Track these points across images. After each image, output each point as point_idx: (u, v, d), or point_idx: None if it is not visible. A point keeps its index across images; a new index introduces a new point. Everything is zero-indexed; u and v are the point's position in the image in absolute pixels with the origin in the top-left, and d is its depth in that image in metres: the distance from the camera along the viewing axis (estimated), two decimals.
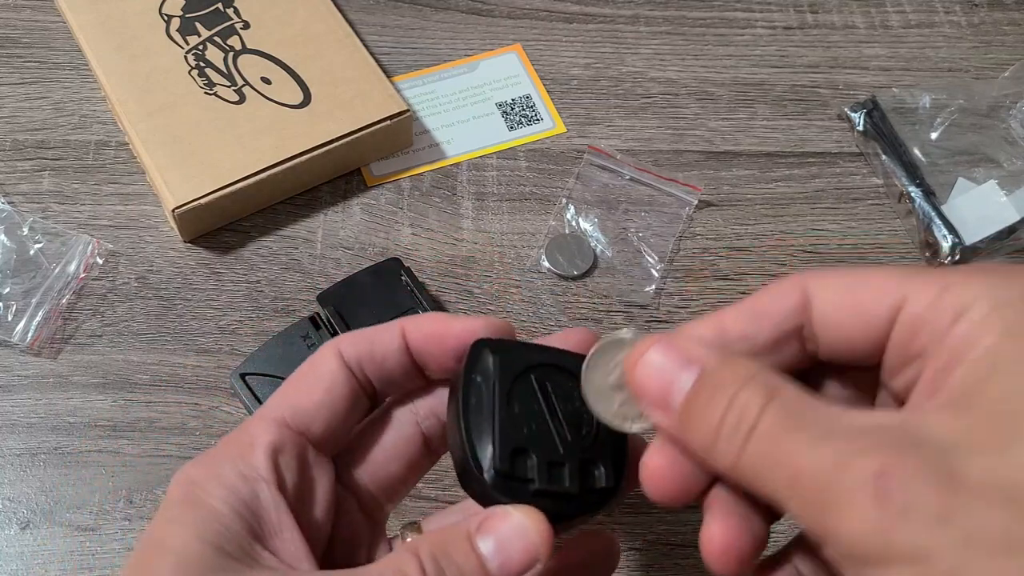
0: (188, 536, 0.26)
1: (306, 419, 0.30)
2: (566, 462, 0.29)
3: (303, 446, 0.30)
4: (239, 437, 0.29)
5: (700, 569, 0.44)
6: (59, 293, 0.50)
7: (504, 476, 0.28)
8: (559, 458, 0.29)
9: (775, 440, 0.23)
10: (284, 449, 0.29)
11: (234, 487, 0.28)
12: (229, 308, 0.50)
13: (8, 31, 0.59)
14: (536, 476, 0.28)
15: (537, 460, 0.28)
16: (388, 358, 0.31)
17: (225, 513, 0.27)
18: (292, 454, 0.29)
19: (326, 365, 0.31)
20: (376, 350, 0.31)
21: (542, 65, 0.60)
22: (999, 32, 0.63)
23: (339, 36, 0.56)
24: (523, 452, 0.28)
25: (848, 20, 0.63)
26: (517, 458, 0.28)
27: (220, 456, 0.29)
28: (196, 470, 0.29)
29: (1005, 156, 0.57)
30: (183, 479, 0.28)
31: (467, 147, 0.57)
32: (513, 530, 0.27)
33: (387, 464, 0.33)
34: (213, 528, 0.27)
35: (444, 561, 0.27)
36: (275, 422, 0.30)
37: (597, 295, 0.52)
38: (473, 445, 0.28)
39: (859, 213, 0.55)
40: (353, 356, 0.31)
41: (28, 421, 0.46)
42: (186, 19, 0.57)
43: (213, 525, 0.27)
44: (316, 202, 0.54)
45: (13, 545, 0.43)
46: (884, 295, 0.24)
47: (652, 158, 0.57)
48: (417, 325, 0.31)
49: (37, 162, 0.54)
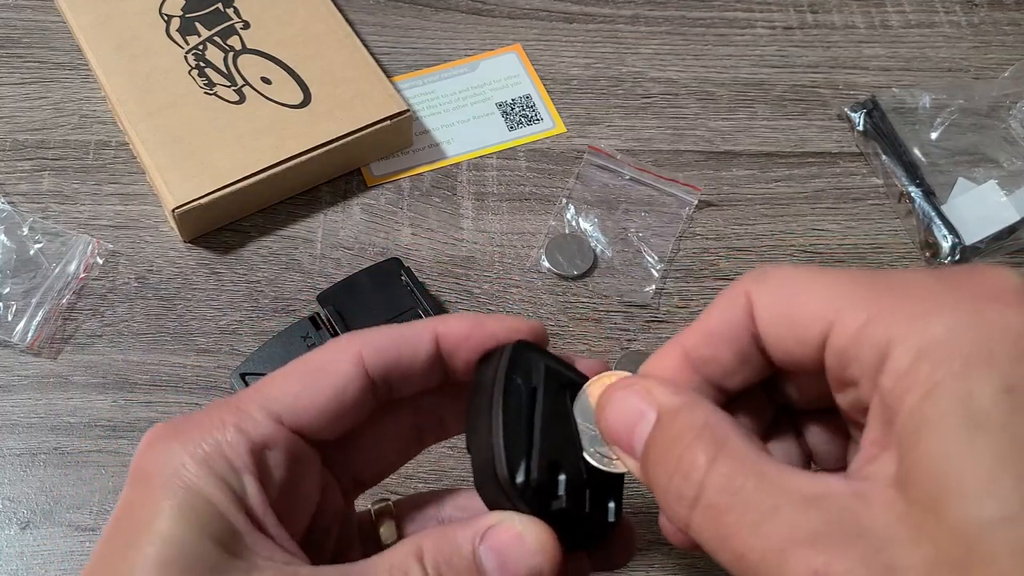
0: (177, 521, 0.25)
1: (305, 419, 0.29)
2: (587, 487, 0.28)
3: (295, 443, 0.29)
4: (227, 419, 0.27)
5: (700, 569, 0.44)
6: (59, 293, 0.50)
7: (535, 488, 0.27)
8: (581, 482, 0.28)
9: (718, 516, 0.22)
10: (274, 446, 0.28)
11: (224, 476, 0.26)
12: (229, 308, 0.50)
13: (8, 31, 0.59)
14: (564, 494, 0.27)
15: (567, 479, 0.27)
16: (415, 363, 0.29)
17: (217, 502, 0.26)
18: (282, 451, 0.28)
19: (341, 367, 0.29)
20: (403, 355, 0.29)
21: (542, 65, 0.60)
22: (999, 32, 0.63)
23: (339, 36, 0.56)
24: (557, 467, 0.27)
25: (848, 20, 0.63)
26: (551, 472, 0.27)
27: (206, 436, 0.27)
28: (179, 445, 0.27)
29: (1005, 156, 0.57)
30: (162, 449, 0.27)
31: (467, 147, 0.57)
32: (521, 549, 0.27)
33: (376, 452, 0.32)
34: (206, 516, 0.25)
35: (447, 571, 0.26)
36: (270, 417, 0.28)
37: (597, 295, 0.52)
38: (507, 449, 0.27)
39: (859, 213, 0.55)
40: (377, 362, 0.29)
41: (28, 421, 0.46)
42: (186, 19, 0.57)
43: (206, 513, 0.25)
44: (316, 202, 0.54)
45: (13, 545, 0.43)
46: (814, 317, 0.23)
47: (652, 158, 0.57)
48: (451, 328, 0.29)
49: (37, 162, 0.54)
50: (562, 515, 0.27)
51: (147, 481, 0.26)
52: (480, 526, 0.27)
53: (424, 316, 0.47)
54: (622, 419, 0.26)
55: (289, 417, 0.28)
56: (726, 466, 0.23)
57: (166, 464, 0.26)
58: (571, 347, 0.50)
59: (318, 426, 0.29)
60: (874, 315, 0.22)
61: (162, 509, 0.25)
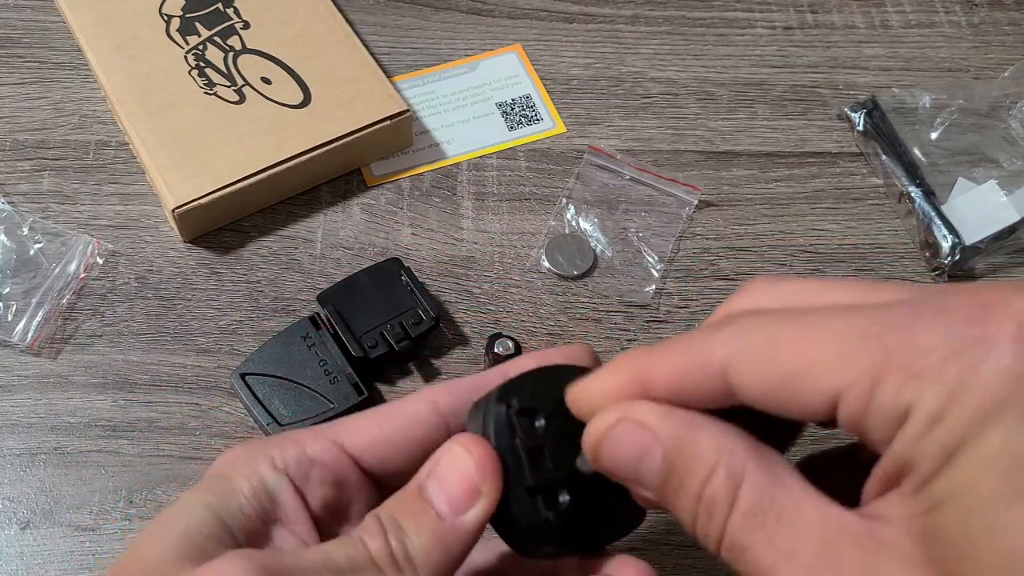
0: (201, 505, 0.27)
1: (363, 443, 0.30)
2: (595, 486, 0.27)
3: (347, 466, 0.29)
4: (295, 436, 0.30)
5: (700, 569, 0.44)
6: (59, 293, 0.50)
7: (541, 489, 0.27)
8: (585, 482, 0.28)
9: (744, 548, 0.22)
10: (324, 463, 0.29)
11: (261, 473, 0.28)
12: (229, 308, 0.50)
13: (8, 31, 0.59)
14: (567, 495, 0.27)
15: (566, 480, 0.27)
16: None
17: (244, 491, 0.28)
18: (331, 469, 0.29)
19: (413, 405, 0.30)
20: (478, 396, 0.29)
21: (542, 65, 0.60)
22: (999, 32, 0.63)
23: (339, 36, 0.56)
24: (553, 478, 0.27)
25: (848, 20, 0.63)
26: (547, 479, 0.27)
27: (264, 443, 0.29)
28: (240, 449, 0.29)
29: (1005, 156, 0.57)
30: (227, 454, 0.29)
31: (467, 147, 0.57)
32: (449, 462, 0.27)
33: (410, 464, 0.31)
34: (227, 503, 0.27)
35: (400, 516, 0.27)
36: (330, 440, 0.29)
37: (597, 295, 0.52)
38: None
39: (859, 213, 0.55)
40: (449, 405, 0.30)
41: (28, 421, 0.46)
42: (186, 19, 0.57)
43: (229, 501, 0.27)
44: (316, 202, 0.54)
45: (13, 545, 0.43)
46: (814, 390, 0.22)
47: (652, 158, 0.57)
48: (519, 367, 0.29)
49: (37, 162, 0.54)
50: (571, 514, 0.27)
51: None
52: (425, 467, 0.27)
53: (424, 316, 0.47)
54: (624, 460, 0.25)
55: (349, 441, 0.30)
56: (746, 503, 0.22)
57: (222, 459, 0.29)
58: None
59: (379, 454, 0.30)
60: (879, 375, 0.21)
61: (195, 497, 0.27)
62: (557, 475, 0.27)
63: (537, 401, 0.28)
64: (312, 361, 0.47)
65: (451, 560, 0.26)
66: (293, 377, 0.46)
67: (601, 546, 0.29)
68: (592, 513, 0.28)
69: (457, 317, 0.51)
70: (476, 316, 0.51)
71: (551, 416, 0.28)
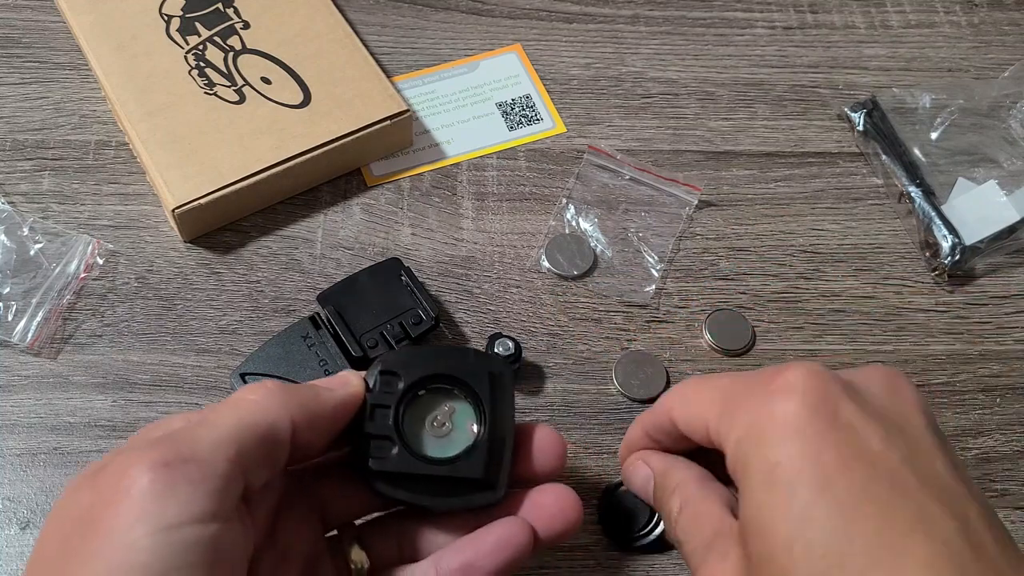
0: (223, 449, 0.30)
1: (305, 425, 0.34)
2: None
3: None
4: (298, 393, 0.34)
5: None
6: (59, 293, 0.50)
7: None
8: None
9: (682, 545, 0.34)
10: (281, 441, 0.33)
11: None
12: (229, 308, 0.50)
13: (8, 31, 0.59)
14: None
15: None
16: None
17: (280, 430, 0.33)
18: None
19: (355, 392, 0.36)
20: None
21: (542, 65, 0.60)
22: (999, 32, 0.63)
23: (339, 36, 0.56)
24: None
25: (848, 20, 0.63)
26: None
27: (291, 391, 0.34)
28: (277, 391, 0.34)
29: (1005, 156, 0.57)
30: (263, 395, 0.33)
31: (467, 147, 0.57)
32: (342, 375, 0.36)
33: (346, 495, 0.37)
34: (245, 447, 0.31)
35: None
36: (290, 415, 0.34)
37: (597, 295, 0.52)
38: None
39: (859, 213, 0.55)
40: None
41: (28, 421, 0.46)
42: (186, 19, 0.57)
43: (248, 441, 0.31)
44: (316, 202, 0.54)
45: (13, 545, 0.43)
46: (697, 426, 0.34)
47: (652, 158, 0.57)
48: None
49: (37, 162, 0.54)
50: (398, 467, 0.35)
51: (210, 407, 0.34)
52: None
53: (424, 316, 0.47)
54: (639, 481, 0.38)
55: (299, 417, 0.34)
56: (685, 516, 0.34)
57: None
58: (571, 347, 0.50)
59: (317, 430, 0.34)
60: (714, 418, 0.33)
61: (210, 432, 0.32)
62: (391, 431, 0.35)
63: (406, 369, 0.36)
64: (312, 361, 0.47)
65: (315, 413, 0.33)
66: (293, 377, 0.46)
67: (443, 509, 0.36)
68: (424, 478, 0.35)
69: (457, 317, 0.51)
70: (476, 316, 0.51)
71: (414, 385, 0.36)
